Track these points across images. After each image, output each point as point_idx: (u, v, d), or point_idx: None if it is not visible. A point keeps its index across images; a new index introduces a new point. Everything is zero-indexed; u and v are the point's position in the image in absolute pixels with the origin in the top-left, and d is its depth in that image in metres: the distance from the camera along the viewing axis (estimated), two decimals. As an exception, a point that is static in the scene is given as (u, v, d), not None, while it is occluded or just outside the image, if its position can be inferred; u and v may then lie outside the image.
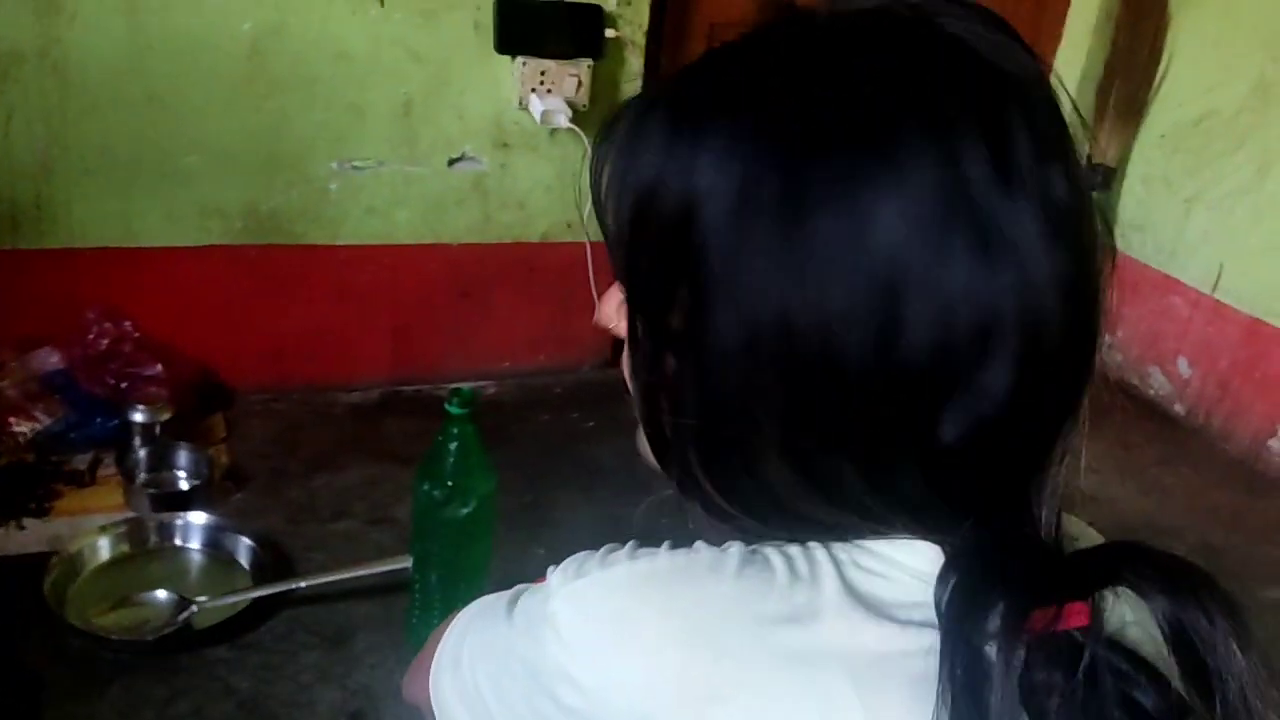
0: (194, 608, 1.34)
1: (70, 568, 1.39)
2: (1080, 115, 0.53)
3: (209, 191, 1.75)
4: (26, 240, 1.67)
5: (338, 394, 1.98)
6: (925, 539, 0.50)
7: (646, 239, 0.51)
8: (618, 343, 0.64)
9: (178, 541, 1.48)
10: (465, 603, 1.20)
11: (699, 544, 0.52)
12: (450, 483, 1.22)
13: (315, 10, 1.69)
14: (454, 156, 1.89)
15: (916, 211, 0.44)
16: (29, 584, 1.34)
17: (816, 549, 0.50)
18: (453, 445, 1.22)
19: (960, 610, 0.46)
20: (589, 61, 1.88)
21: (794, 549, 0.51)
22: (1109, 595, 0.46)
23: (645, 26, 1.93)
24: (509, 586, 1.01)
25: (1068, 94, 0.54)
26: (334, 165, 1.81)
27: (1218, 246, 2.22)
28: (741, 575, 0.49)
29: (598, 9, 1.87)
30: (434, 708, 0.66)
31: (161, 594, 1.36)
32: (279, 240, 1.83)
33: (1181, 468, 2.14)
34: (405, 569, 1.34)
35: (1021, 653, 0.43)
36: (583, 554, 0.55)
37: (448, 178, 1.91)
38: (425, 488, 1.24)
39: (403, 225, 1.92)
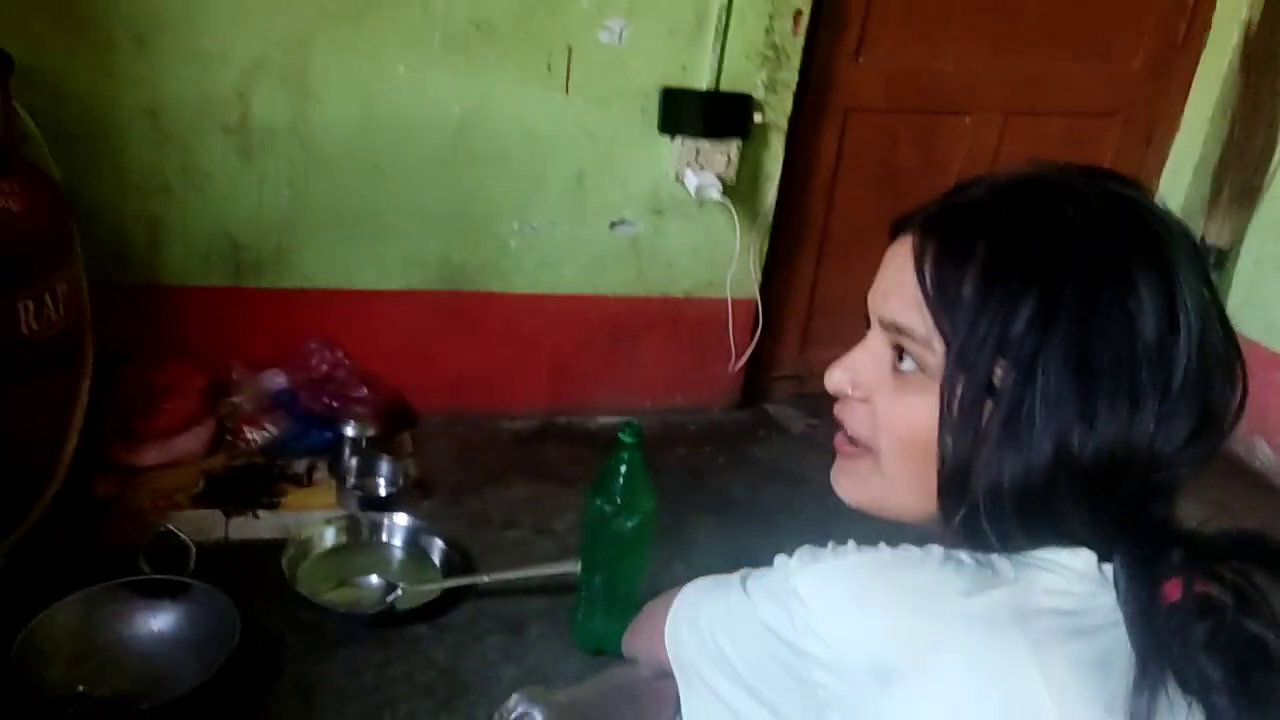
0: (399, 591, 1.63)
1: (301, 551, 1.70)
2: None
3: (413, 245, 2.07)
4: (268, 281, 2.02)
5: (503, 421, 2.27)
6: (1077, 547, 0.69)
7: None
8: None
9: (384, 537, 1.78)
10: (624, 604, 1.49)
11: (904, 545, 0.71)
12: (619, 499, 1.48)
13: (511, 96, 2.00)
14: (615, 220, 2.18)
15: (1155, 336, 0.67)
16: (266, 564, 1.66)
17: (998, 558, 0.69)
18: (623, 468, 1.48)
19: (1135, 578, 0.66)
20: (738, 141, 2.15)
21: (976, 554, 0.70)
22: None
23: (789, 112, 2.19)
24: (658, 593, 1.28)
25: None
26: (515, 225, 2.12)
27: (1323, 326, 2.34)
28: (943, 565, 0.67)
29: (747, 97, 2.13)
30: (671, 655, 0.85)
31: (374, 579, 1.66)
32: (465, 287, 2.14)
33: None
34: (573, 572, 1.60)
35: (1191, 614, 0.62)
36: (810, 547, 0.73)
37: (608, 238, 2.19)
38: (598, 503, 1.50)
39: (567, 278, 2.21)
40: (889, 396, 0.75)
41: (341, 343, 2.07)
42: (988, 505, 0.69)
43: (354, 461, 1.92)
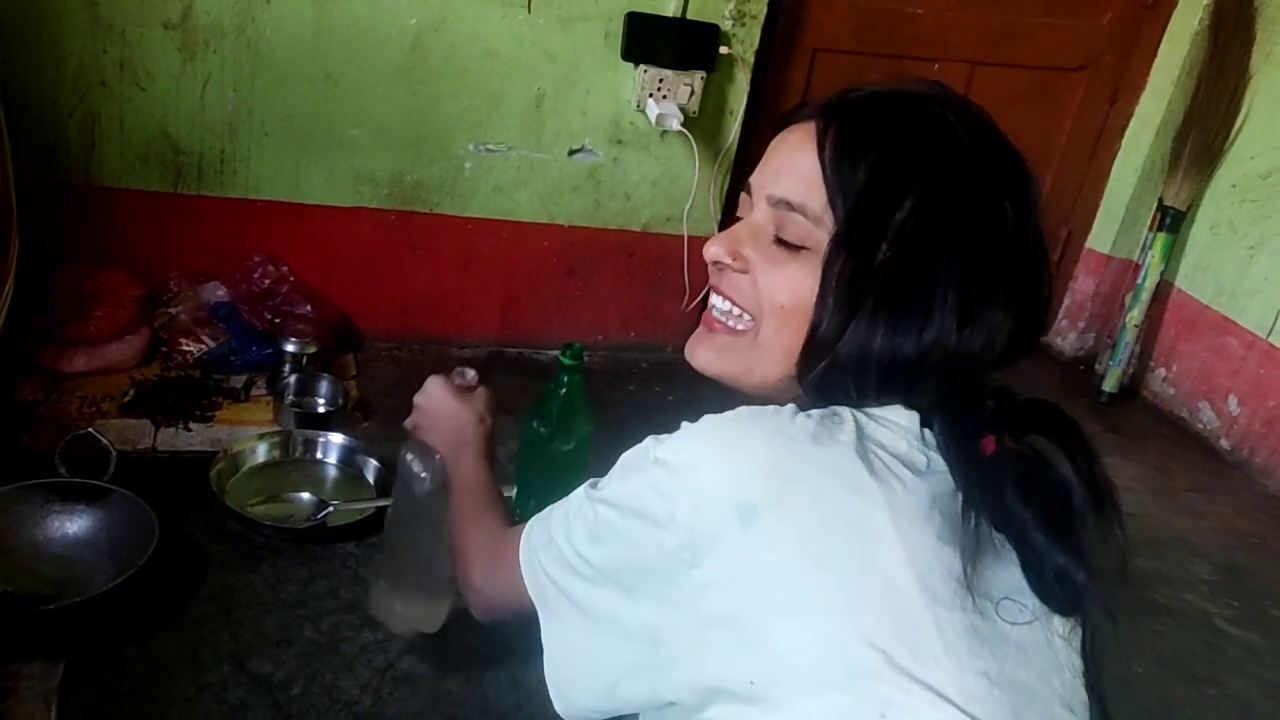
0: (330, 509, 1.59)
1: (231, 465, 1.66)
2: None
3: (364, 161, 2.01)
4: (209, 188, 1.95)
5: (451, 348, 2.24)
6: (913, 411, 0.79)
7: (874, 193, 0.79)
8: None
9: (318, 455, 1.74)
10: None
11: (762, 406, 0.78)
12: (556, 422, 1.46)
13: (471, 11, 1.94)
14: (574, 148, 2.13)
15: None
16: (194, 476, 1.61)
17: (843, 409, 0.79)
18: (561, 391, 1.45)
19: (958, 433, 0.76)
20: (702, 74, 2.10)
21: (826, 410, 0.78)
22: None
23: (755, 46, 2.14)
24: None
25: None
26: (471, 146, 2.06)
27: (1276, 293, 2.35)
28: (794, 416, 0.76)
29: (714, 28, 2.08)
30: (530, 585, 0.88)
31: (304, 495, 1.63)
32: (417, 208, 2.09)
33: (1217, 496, 2.28)
34: (508, 497, 1.58)
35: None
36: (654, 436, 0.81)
37: (566, 166, 2.14)
38: (534, 425, 1.47)
39: (523, 204, 2.16)
40: (770, 268, 0.83)
41: (286, 258, 2.02)
42: (852, 369, 0.78)
43: (293, 379, 1.88)
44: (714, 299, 0.90)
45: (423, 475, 1.16)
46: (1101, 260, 2.74)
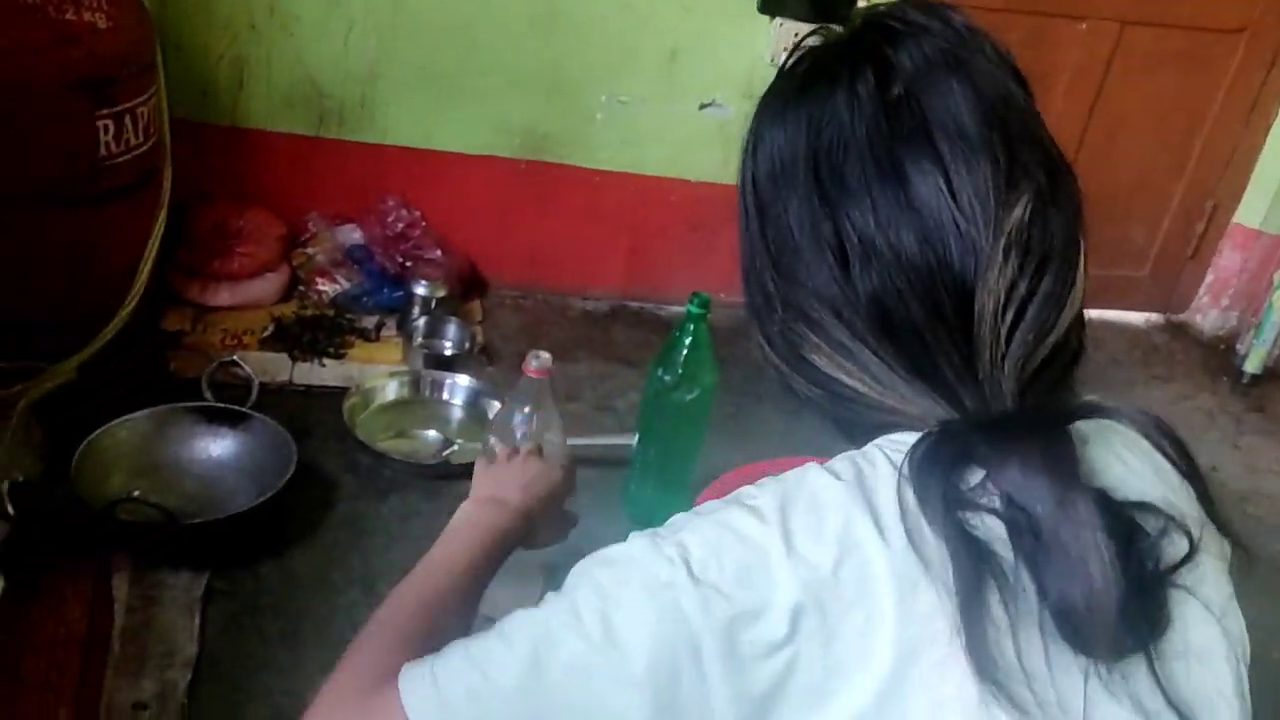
0: (455, 446, 1.63)
1: (363, 400, 1.71)
2: None
3: (498, 110, 2.03)
4: (349, 133, 2.00)
5: (574, 299, 2.25)
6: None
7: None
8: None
9: (445, 396, 1.78)
10: (677, 478, 1.47)
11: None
12: (681, 370, 1.45)
13: (609, -39, 1.94)
14: (705, 101, 2.11)
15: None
16: (327, 409, 1.67)
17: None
18: (687, 340, 1.45)
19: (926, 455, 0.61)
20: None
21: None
22: None
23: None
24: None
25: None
26: (603, 98, 2.06)
27: None
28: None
29: (854, -21, 2.03)
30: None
31: (430, 433, 1.67)
32: (547, 158, 2.10)
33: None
34: (629, 445, 1.59)
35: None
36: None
37: (696, 120, 2.12)
38: (659, 373, 1.47)
39: (651, 158, 2.15)
40: None
41: (419, 203, 2.06)
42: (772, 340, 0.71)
43: (422, 321, 1.92)
44: None
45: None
46: (1250, 235, 2.59)
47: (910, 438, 0.62)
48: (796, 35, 2.03)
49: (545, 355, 1.27)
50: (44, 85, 1.40)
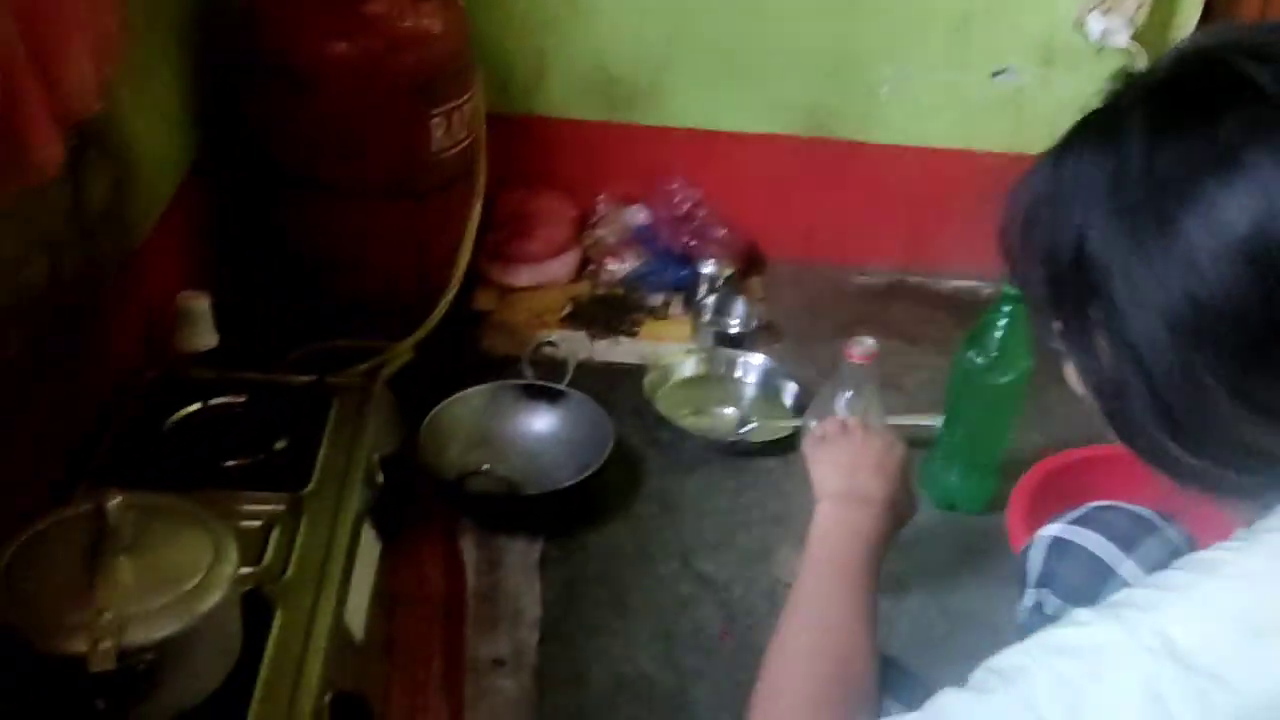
0: (754, 424, 1.66)
1: (662, 376, 1.77)
2: None
3: (781, 87, 2.04)
4: (638, 116, 2.06)
5: (852, 274, 2.23)
6: None
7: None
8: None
9: (738, 374, 1.82)
10: (984, 463, 1.42)
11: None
12: (995, 353, 1.42)
13: (902, -71, 1.89)
14: (998, 69, 2.03)
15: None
16: (626, 385, 1.74)
17: None
18: (1002, 321, 1.41)
19: None
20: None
21: None
22: None
23: (1215, -51, 1.92)
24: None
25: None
26: (889, 70, 2.03)
27: None
28: None
29: (1171, -72, 1.89)
30: None
31: (728, 409, 1.71)
32: (828, 134, 2.09)
33: None
34: (932, 425, 1.57)
35: None
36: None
37: (987, 88, 2.05)
38: (970, 354, 1.45)
39: (937, 130, 2.09)
40: None
41: (701, 183, 2.10)
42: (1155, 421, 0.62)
43: (711, 299, 1.96)
44: None
45: None
46: None
47: None
48: (1101, -6, 1.91)
49: (869, 341, 1.27)
50: (387, 89, 1.53)
